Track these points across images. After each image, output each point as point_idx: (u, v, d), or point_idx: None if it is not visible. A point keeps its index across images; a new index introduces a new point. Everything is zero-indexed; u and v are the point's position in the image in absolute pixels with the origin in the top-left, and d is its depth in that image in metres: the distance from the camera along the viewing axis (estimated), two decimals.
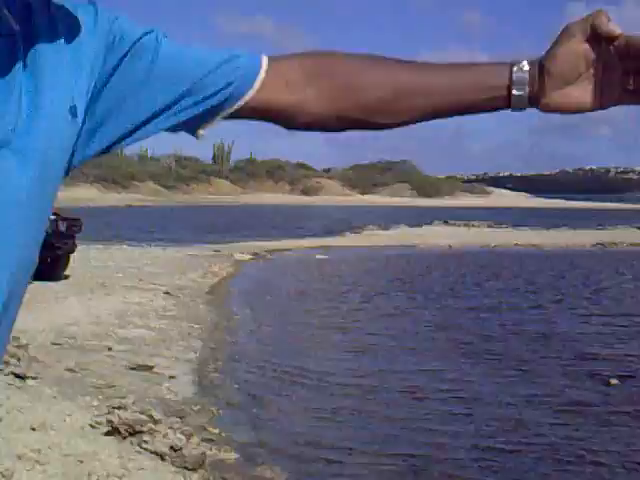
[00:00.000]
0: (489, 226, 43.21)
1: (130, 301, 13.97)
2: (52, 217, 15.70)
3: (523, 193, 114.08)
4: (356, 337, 12.73)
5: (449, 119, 1.33)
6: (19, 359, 8.06)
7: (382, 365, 10.58)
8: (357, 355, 11.39)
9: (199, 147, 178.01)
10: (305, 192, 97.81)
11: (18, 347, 8.37)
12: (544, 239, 34.67)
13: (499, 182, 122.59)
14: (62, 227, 15.97)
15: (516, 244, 32.87)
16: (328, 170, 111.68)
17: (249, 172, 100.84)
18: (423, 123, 1.32)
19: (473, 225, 43.26)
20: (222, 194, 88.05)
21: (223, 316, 13.92)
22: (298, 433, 7.53)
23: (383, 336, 12.82)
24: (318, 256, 26.30)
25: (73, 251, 16.62)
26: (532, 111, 1.26)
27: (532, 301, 16.87)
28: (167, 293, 15.29)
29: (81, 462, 5.66)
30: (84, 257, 18.13)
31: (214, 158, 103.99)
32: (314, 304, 16.11)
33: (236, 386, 9.24)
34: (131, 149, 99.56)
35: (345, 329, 13.45)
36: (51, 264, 15.96)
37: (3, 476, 5.29)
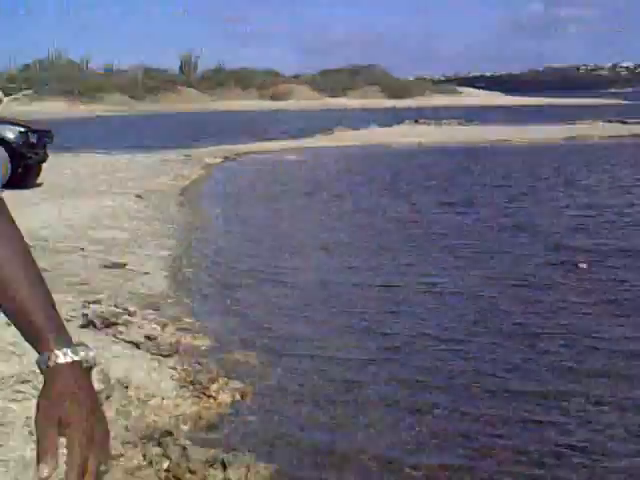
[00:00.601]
0: (459, 124, 43.14)
1: (102, 205, 13.97)
2: (22, 130, 15.95)
3: (494, 92, 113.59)
4: (327, 235, 12.78)
5: (418, 21, 1.34)
6: None
7: (353, 262, 10.63)
8: (328, 252, 11.44)
9: (166, 58, 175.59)
10: (274, 97, 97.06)
11: None
12: (515, 134, 34.69)
13: (470, 82, 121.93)
14: (33, 139, 16.27)
15: (488, 141, 32.88)
16: (297, 76, 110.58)
17: (217, 81, 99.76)
18: (393, 26, 1.32)
19: (443, 123, 43.18)
20: (190, 102, 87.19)
21: (195, 216, 13.98)
22: (270, 323, 7.65)
23: (354, 233, 12.88)
24: (288, 156, 26.29)
25: (45, 160, 16.79)
26: (502, 12, 1.25)
27: (504, 195, 16.93)
28: (139, 196, 15.28)
29: None
30: (55, 165, 18.04)
31: (181, 68, 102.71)
32: (285, 203, 16.17)
33: (209, 280, 9.33)
34: (97, 63, 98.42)
35: (315, 228, 13.53)
36: (23, 173, 16.13)
37: None
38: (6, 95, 67.13)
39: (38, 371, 1.39)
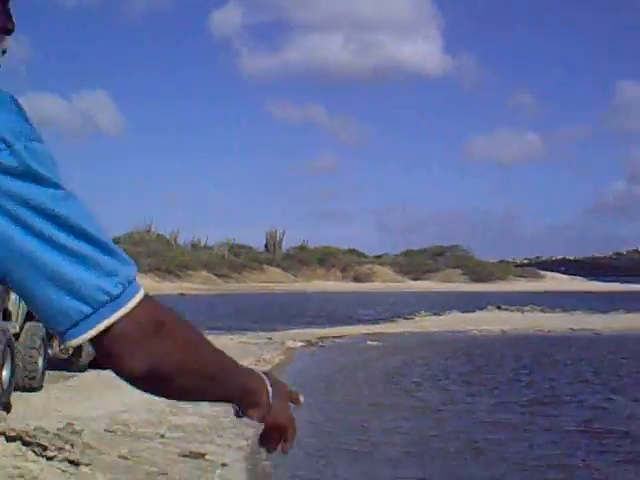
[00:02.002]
0: (542, 311, 42.78)
1: None
2: None
3: (577, 277, 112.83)
4: (411, 429, 12.65)
5: (497, 203, 1.48)
6: (73, 445, 8.13)
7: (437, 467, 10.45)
8: (414, 451, 11.27)
9: (251, 236, 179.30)
10: (357, 279, 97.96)
11: (72, 433, 8.46)
12: (600, 323, 34.20)
13: (552, 266, 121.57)
14: None
15: (571, 329, 32.46)
16: (380, 256, 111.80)
17: (301, 259, 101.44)
18: (473, 208, 1.45)
19: (526, 310, 42.87)
20: (274, 281, 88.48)
21: None
22: None
23: (436, 432, 12.69)
24: (370, 342, 26.29)
25: None
26: (583, 192, 1.32)
27: (593, 391, 16.46)
28: None
29: None
30: None
31: (266, 246, 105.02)
32: (366, 391, 16.07)
33: (288, 475, 9.22)
34: (184, 238, 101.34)
35: (397, 418, 13.37)
36: None
37: None
38: None
39: None
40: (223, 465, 9.06)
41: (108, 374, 5.89)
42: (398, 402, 14.89)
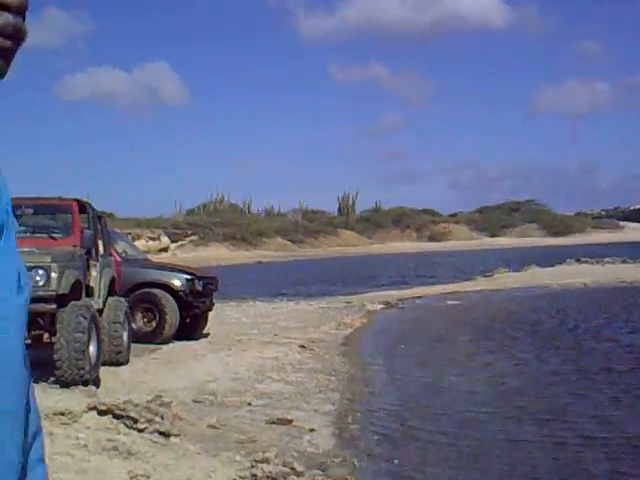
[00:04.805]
0: (623, 262, 41.98)
1: (267, 356, 14.16)
2: (189, 277, 16.11)
3: None
4: (495, 383, 12.54)
5: (570, 155, 1.34)
6: (162, 417, 8.23)
7: (525, 413, 10.34)
8: (497, 401, 11.20)
9: (324, 200, 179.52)
10: (432, 238, 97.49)
11: (161, 405, 8.56)
12: None
13: (631, 216, 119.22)
14: (199, 286, 16.23)
15: None
16: (454, 215, 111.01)
17: (375, 221, 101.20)
18: (546, 161, 1.33)
19: (607, 262, 42.13)
20: (350, 245, 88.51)
21: (359, 367, 13.94)
22: None
23: (524, 383, 12.56)
24: (449, 302, 26.15)
25: (211, 309, 17.00)
26: None
27: None
28: (302, 346, 15.43)
29: None
30: (220, 315, 18.50)
31: (340, 209, 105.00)
32: (449, 351, 15.98)
33: (376, 437, 9.20)
34: (257, 206, 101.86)
35: (480, 376, 13.25)
36: (190, 323, 16.39)
37: None
38: (172, 242, 69.63)
39: None
40: (311, 430, 9.09)
41: (192, 345, 5.99)
42: (479, 361, 14.75)
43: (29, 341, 10.83)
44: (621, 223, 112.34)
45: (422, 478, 7.67)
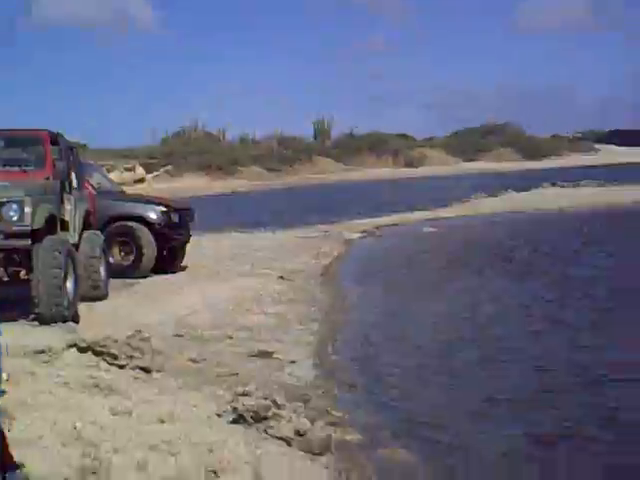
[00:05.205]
0: (599, 185, 42.10)
1: (245, 287, 14.14)
2: (164, 209, 15.95)
3: (634, 148, 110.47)
4: (472, 309, 12.63)
5: (547, 76, 1.25)
6: (142, 352, 8.23)
7: (503, 339, 10.42)
8: (475, 327, 11.29)
9: (299, 126, 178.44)
10: (409, 164, 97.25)
11: (141, 340, 8.55)
12: None
13: (607, 138, 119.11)
14: (175, 218, 16.13)
15: (633, 202, 31.87)
16: (430, 139, 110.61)
17: (351, 147, 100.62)
18: (523, 82, 1.24)
19: (582, 185, 42.25)
20: (326, 172, 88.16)
21: (338, 297, 13.98)
22: (422, 414, 7.51)
23: (501, 309, 12.66)
24: (426, 229, 26.18)
25: (188, 241, 16.89)
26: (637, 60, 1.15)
27: None
28: (281, 277, 15.42)
29: (211, 451, 5.76)
30: (198, 247, 18.42)
31: (315, 135, 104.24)
32: (427, 278, 16.05)
33: (357, 368, 9.26)
34: (232, 135, 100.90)
35: (459, 303, 13.33)
36: (168, 256, 16.29)
37: (139, 466, 5.43)
38: (147, 172, 69.00)
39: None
40: (291, 362, 9.14)
41: (170, 278, 5.91)
42: (457, 288, 14.84)
43: (7, 279, 10.78)
44: (597, 146, 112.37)
45: (403, 407, 7.74)
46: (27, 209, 10.05)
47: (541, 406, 7.63)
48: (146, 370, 8.01)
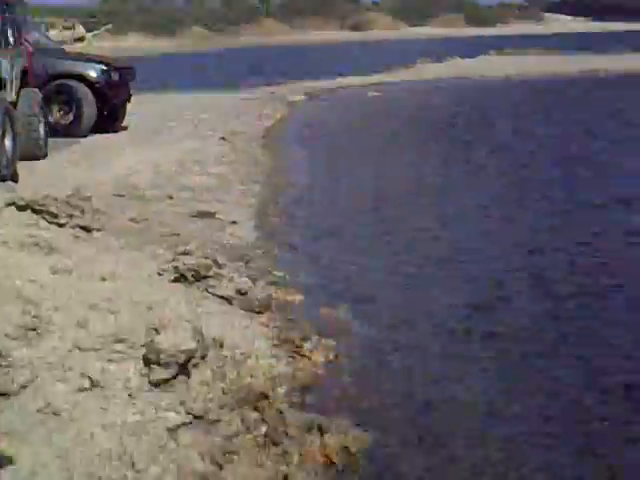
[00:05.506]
0: (547, 53, 41.94)
1: (187, 148, 14.01)
2: (104, 67, 15.60)
3: (582, 17, 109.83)
4: (410, 175, 12.71)
5: None
6: (83, 211, 8.13)
7: (444, 210, 10.53)
8: (415, 201, 11.36)
9: None
10: (355, 27, 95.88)
11: (81, 200, 8.45)
12: (605, 64, 33.59)
13: (556, 8, 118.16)
14: (115, 77, 15.80)
15: (577, 71, 31.91)
16: (377, 3, 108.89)
17: (296, 9, 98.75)
18: None
19: (529, 53, 42.09)
20: (271, 34, 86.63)
21: (280, 158, 13.95)
22: (357, 274, 7.63)
23: (440, 174, 12.75)
24: (370, 93, 26.00)
25: (129, 101, 16.62)
26: None
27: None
28: (223, 139, 15.28)
29: (151, 309, 5.79)
30: (138, 107, 18.08)
31: None
32: (368, 145, 16.03)
33: (298, 230, 9.33)
34: None
35: (400, 174, 13.36)
36: (108, 115, 16.02)
37: (79, 324, 5.45)
38: (88, 31, 67.19)
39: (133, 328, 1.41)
40: (233, 223, 9.14)
41: (111, 138, 5.78)
42: (398, 157, 14.88)
43: None
44: (545, 14, 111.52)
45: (342, 266, 7.85)
46: None
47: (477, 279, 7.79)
48: (87, 229, 7.94)
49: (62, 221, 7.91)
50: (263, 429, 4.58)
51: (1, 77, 11.41)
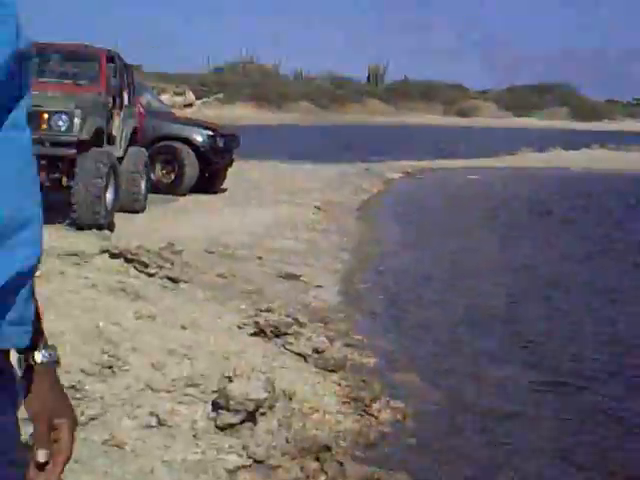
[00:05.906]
0: None
1: (282, 214, 14.27)
2: (210, 133, 16.26)
3: None
4: (507, 256, 12.66)
5: (609, 41, 1.27)
6: (173, 264, 8.38)
7: (529, 288, 10.47)
8: (507, 274, 11.33)
9: (354, 68, 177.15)
10: (459, 113, 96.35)
11: (173, 253, 8.71)
12: None
13: None
14: (220, 143, 16.47)
15: None
16: (484, 92, 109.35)
17: (403, 92, 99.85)
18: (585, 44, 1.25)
19: (632, 150, 41.59)
20: (375, 114, 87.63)
21: (372, 231, 14.07)
22: (439, 342, 7.63)
23: (534, 259, 12.68)
24: (470, 176, 26.07)
25: (230, 165, 17.20)
26: None
27: None
28: (318, 208, 15.52)
29: (227, 359, 5.91)
30: (239, 172, 18.53)
31: (369, 78, 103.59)
32: (463, 225, 16.05)
33: (381, 297, 9.38)
34: (286, 68, 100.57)
35: (493, 250, 13.35)
36: (209, 178, 16.57)
37: (154, 366, 5.60)
38: (197, 98, 69.07)
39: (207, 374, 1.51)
40: (317, 286, 9.26)
41: (209, 199, 6.05)
42: (492, 235, 14.85)
43: (48, 184, 11.00)
44: None
45: (423, 335, 7.86)
46: (76, 120, 10.44)
47: None
48: (174, 280, 8.16)
49: (152, 271, 8.17)
50: (322, 479, 4.61)
51: (112, 134, 12.02)
